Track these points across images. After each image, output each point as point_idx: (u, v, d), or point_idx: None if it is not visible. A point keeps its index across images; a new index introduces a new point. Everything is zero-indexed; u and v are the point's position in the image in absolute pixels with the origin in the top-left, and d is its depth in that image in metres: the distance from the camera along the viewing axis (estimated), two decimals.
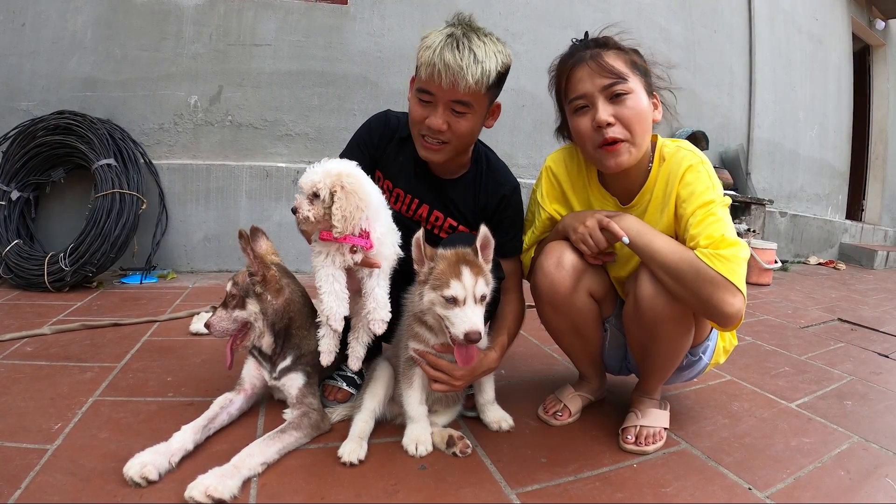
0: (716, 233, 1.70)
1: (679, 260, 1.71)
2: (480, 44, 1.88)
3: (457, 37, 1.87)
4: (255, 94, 4.72)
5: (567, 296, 1.97)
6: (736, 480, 1.76)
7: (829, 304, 5.18)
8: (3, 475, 1.53)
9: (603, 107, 1.80)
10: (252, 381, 2.01)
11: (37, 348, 2.57)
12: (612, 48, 1.84)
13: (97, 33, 4.53)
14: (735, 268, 1.67)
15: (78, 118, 4.20)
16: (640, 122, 1.81)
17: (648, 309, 1.81)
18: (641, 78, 1.83)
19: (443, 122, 1.94)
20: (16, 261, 3.82)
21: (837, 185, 10.26)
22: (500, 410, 2.02)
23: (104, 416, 1.92)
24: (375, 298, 1.84)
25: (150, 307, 3.42)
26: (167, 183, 4.51)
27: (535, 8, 5.63)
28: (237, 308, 1.93)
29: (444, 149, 2.01)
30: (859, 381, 2.83)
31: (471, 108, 1.94)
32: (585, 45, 1.86)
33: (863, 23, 10.54)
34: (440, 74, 1.85)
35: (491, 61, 1.89)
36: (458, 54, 1.84)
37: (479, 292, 1.71)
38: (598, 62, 1.79)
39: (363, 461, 1.70)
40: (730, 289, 1.66)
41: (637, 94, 1.80)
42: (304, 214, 1.74)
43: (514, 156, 5.63)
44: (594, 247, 1.87)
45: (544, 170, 2.14)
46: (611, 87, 1.78)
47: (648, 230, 1.80)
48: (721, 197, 1.79)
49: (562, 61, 1.92)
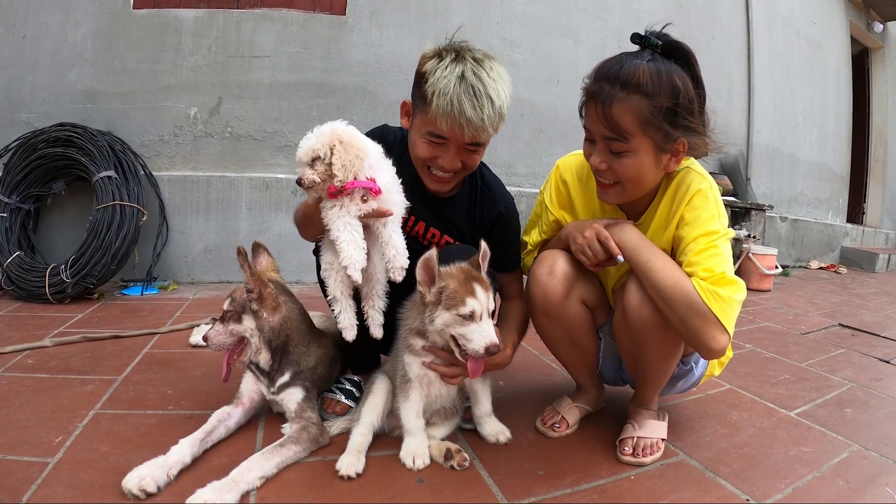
0: (717, 268, 1.68)
1: (673, 286, 1.70)
2: (493, 83, 1.85)
3: (470, 82, 1.83)
4: (254, 105, 4.73)
5: (559, 304, 1.98)
6: (734, 491, 1.76)
7: (831, 309, 5.18)
8: (4, 488, 1.54)
9: (599, 152, 1.77)
10: (250, 395, 2.02)
11: (38, 361, 2.57)
12: (633, 93, 1.65)
13: (97, 45, 4.55)
14: (728, 309, 1.67)
15: (78, 130, 4.22)
16: (635, 181, 1.79)
17: (636, 318, 1.82)
18: (656, 133, 1.68)
19: (457, 162, 1.95)
20: (17, 272, 3.83)
21: (838, 189, 10.27)
22: (497, 423, 2.02)
23: (105, 429, 1.93)
24: (394, 245, 1.82)
25: (151, 319, 3.43)
26: (167, 194, 4.52)
27: (533, 17, 5.64)
28: (234, 322, 1.94)
29: (453, 179, 2.03)
30: (860, 388, 2.83)
31: (481, 148, 1.97)
32: (610, 78, 1.69)
33: (861, 26, 10.56)
34: (462, 128, 1.84)
35: (506, 99, 1.88)
36: (477, 105, 1.81)
37: (491, 306, 1.76)
38: (605, 111, 1.68)
39: (361, 474, 1.71)
40: (719, 327, 1.67)
41: (637, 154, 1.72)
42: (310, 178, 1.73)
43: (514, 165, 5.64)
44: (593, 258, 1.86)
45: (554, 173, 2.14)
46: (610, 140, 1.72)
47: (647, 246, 1.80)
48: (725, 228, 1.78)
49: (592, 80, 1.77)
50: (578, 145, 1.93)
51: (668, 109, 1.65)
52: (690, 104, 1.69)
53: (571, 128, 5.77)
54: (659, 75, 1.64)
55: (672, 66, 1.67)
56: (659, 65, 1.66)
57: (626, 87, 1.65)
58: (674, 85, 1.65)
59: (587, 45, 5.96)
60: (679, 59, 1.70)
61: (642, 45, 1.74)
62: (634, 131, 1.68)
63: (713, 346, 1.69)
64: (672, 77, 1.66)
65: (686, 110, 1.68)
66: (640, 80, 1.64)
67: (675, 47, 1.72)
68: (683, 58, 1.71)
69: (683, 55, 1.72)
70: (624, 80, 1.65)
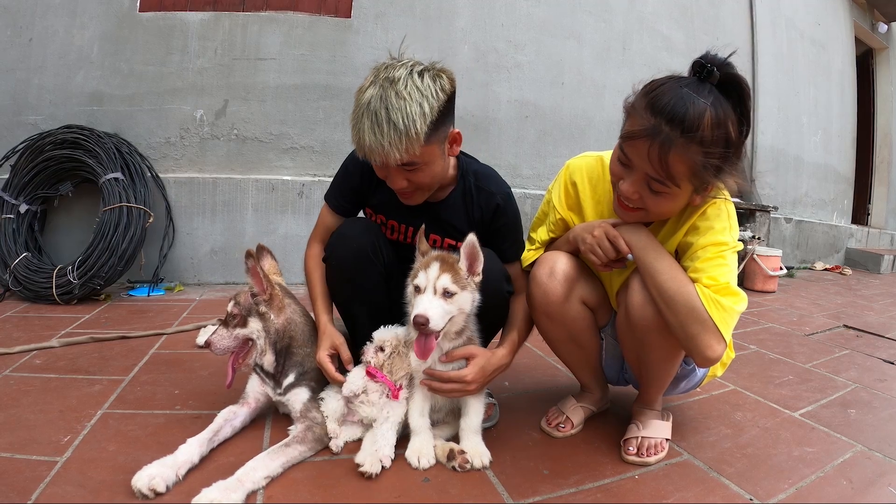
0: (721, 278, 1.69)
1: (677, 290, 1.70)
2: (401, 103, 1.77)
3: (374, 108, 1.78)
4: (260, 107, 4.75)
5: (560, 304, 1.98)
6: (738, 491, 1.77)
7: (835, 311, 5.17)
8: (13, 487, 1.55)
9: (635, 182, 1.69)
10: (256, 396, 2.04)
11: (46, 361, 2.59)
12: (693, 142, 1.56)
13: (103, 48, 4.58)
14: (728, 319, 1.68)
15: (85, 132, 4.25)
16: (662, 215, 1.79)
17: (639, 318, 1.82)
18: (700, 182, 1.64)
19: (401, 181, 1.93)
20: (24, 273, 3.85)
21: (842, 190, 10.24)
22: (480, 444, 1.89)
23: (113, 428, 1.95)
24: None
25: (158, 320, 3.45)
26: (174, 196, 4.55)
27: (537, 19, 5.65)
28: (238, 326, 1.96)
29: (416, 194, 2.02)
30: (864, 389, 2.83)
31: (418, 164, 1.89)
32: (674, 119, 1.55)
33: (865, 27, 10.53)
34: (370, 156, 1.84)
35: (416, 118, 1.78)
36: (377, 132, 1.77)
37: (442, 285, 1.74)
38: (661, 156, 1.59)
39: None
40: (717, 335, 1.68)
41: (675, 197, 1.68)
42: (368, 359, 1.96)
43: (519, 166, 5.65)
44: (604, 256, 1.85)
45: (563, 174, 2.10)
46: (653, 180, 1.65)
47: (655, 247, 1.79)
48: (735, 242, 1.77)
49: (648, 110, 1.61)
50: (582, 147, 1.94)
51: (719, 160, 1.59)
52: (739, 150, 1.64)
53: (576, 129, 5.79)
54: (720, 126, 1.56)
55: (729, 111, 1.59)
56: (720, 110, 1.56)
57: (688, 133, 1.55)
58: (728, 137, 1.58)
59: (591, 47, 5.96)
60: (732, 94, 1.61)
61: (702, 76, 1.62)
62: (682, 179, 1.62)
63: (709, 353, 1.69)
64: (728, 127, 1.58)
65: (731, 163, 1.63)
66: (703, 130, 1.55)
67: (734, 82, 1.62)
68: (738, 94, 1.62)
69: (738, 91, 1.62)
70: (689, 127, 1.54)
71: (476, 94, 5.38)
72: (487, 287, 1.94)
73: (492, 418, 2.17)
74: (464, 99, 5.19)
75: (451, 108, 1.93)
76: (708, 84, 1.60)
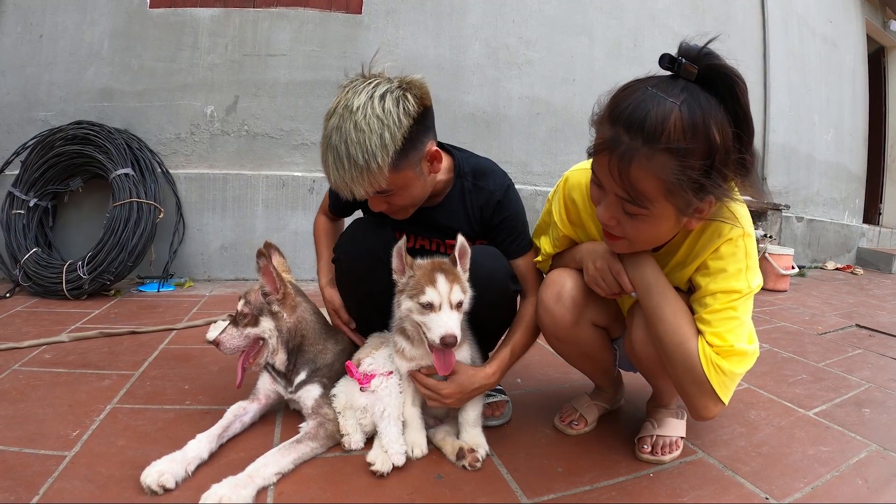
0: (729, 335, 1.56)
1: (678, 345, 1.60)
2: (360, 136, 1.69)
3: (335, 143, 1.72)
4: (270, 103, 4.75)
5: (569, 329, 1.90)
6: (753, 490, 1.75)
7: (847, 310, 5.13)
8: (21, 481, 1.55)
9: (609, 206, 1.49)
10: (266, 393, 2.03)
11: (55, 356, 2.59)
12: (660, 151, 1.31)
13: (114, 44, 4.59)
14: (728, 383, 1.59)
15: (95, 128, 4.25)
16: (647, 243, 1.60)
17: (642, 353, 1.80)
18: (681, 199, 1.38)
19: (381, 205, 1.90)
20: (34, 268, 3.86)
21: (854, 189, 10.16)
22: (479, 436, 1.89)
23: (122, 423, 1.94)
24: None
25: (168, 315, 3.45)
26: (184, 192, 4.55)
27: (548, 16, 5.62)
28: (249, 326, 1.95)
29: (401, 212, 1.97)
30: (877, 388, 2.80)
31: (392, 190, 1.82)
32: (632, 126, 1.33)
33: (877, 24, 10.45)
34: (338, 191, 1.81)
35: (376, 151, 1.69)
36: (340, 169, 1.72)
37: (455, 298, 1.72)
38: (622, 170, 1.36)
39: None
40: (714, 398, 1.60)
41: (654, 220, 1.45)
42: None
43: (530, 164, 5.63)
44: (606, 290, 1.76)
45: (562, 187, 1.92)
46: (624, 200, 1.43)
47: (661, 289, 1.65)
48: (749, 287, 1.59)
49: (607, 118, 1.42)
50: None
51: (700, 170, 1.32)
52: (727, 157, 1.35)
53: (587, 127, 5.73)
54: (694, 127, 1.29)
55: (711, 108, 1.32)
56: (694, 108, 1.30)
57: (651, 141, 1.30)
58: (710, 139, 1.31)
59: (602, 44, 5.93)
60: (720, 88, 1.34)
61: (675, 72, 1.37)
62: (656, 197, 1.38)
63: (703, 413, 1.65)
64: (709, 128, 1.30)
65: (719, 172, 1.35)
66: (670, 133, 1.29)
67: (718, 73, 1.34)
68: (726, 87, 1.34)
69: (727, 84, 1.34)
70: (650, 133, 1.30)
71: (487, 90, 5.36)
72: (493, 287, 1.91)
73: (504, 415, 2.15)
74: (475, 96, 5.27)
75: (421, 129, 1.79)
76: (681, 80, 1.34)
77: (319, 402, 1.94)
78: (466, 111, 5.28)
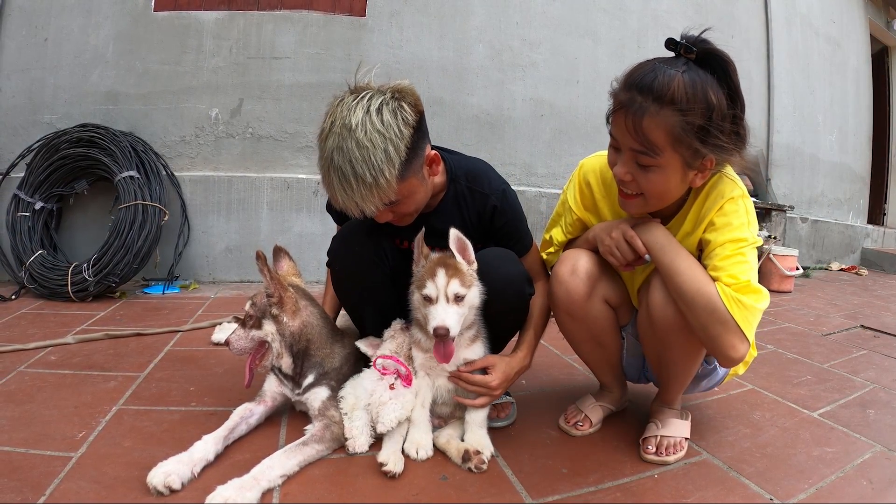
0: (742, 275, 1.66)
1: (697, 291, 1.67)
2: (364, 153, 1.67)
3: (338, 164, 1.69)
4: (275, 106, 4.76)
5: (583, 303, 1.96)
6: (757, 491, 1.75)
7: (852, 311, 5.12)
8: (27, 482, 1.55)
9: (625, 162, 1.69)
10: (273, 395, 2.03)
11: (60, 357, 2.60)
12: (666, 107, 1.56)
13: (118, 47, 4.61)
14: (751, 318, 1.66)
15: (101, 131, 4.27)
16: (659, 195, 1.72)
17: (659, 317, 1.81)
18: (686, 150, 1.60)
19: (387, 216, 1.88)
20: (40, 271, 3.88)
21: (858, 190, 10.14)
22: (485, 437, 1.89)
23: (127, 424, 1.95)
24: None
25: (173, 317, 3.46)
26: (189, 194, 4.56)
27: (552, 17, 5.63)
28: (254, 328, 1.95)
29: (405, 219, 1.96)
30: (882, 389, 2.79)
31: (400, 199, 1.82)
32: (643, 88, 1.58)
33: (880, 24, 10.44)
34: (347, 211, 1.79)
35: (383, 166, 1.69)
36: (347, 190, 1.71)
37: (452, 291, 1.76)
38: (636, 124, 1.59)
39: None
40: (739, 335, 1.65)
41: (665, 170, 1.64)
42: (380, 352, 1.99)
43: (534, 165, 5.64)
44: (622, 258, 1.83)
45: (577, 174, 2.09)
46: (637, 153, 1.64)
47: (673, 247, 1.76)
48: (754, 237, 1.74)
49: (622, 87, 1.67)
50: (598, 146, 1.92)
51: (700, 127, 1.56)
52: (723, 121, 1.59)
53: (591, 128, 5.75)
54: (694, 89, 1.55)
55: (708, 79, 1.58)
56: (694, 77, 1.56)
57: (659, 100, 1.55)
58: (708, 100, 1.56)
59: (606, 46, 5.93)
60: (716, 68, 1.60)
61: (677, 52, 1.64)
62: (664, 147, 1.59)
63: (732, 354, 1.67)
64: (707, 92, 1.56)
65: (718, 128, 1.58)
66: (674, 93, 1.54)
67: (712, 55, 1.61)
68: (720, 67, 1.61)
69: (720, 64, 1.61)
70: (658, 93, 1.56)
71: (491, 92, 5.37)
72: (511, 291, 1.94)
73: (509, 417, 2.15)
74: (479, 98, 5.28)
75: (420, 136, 1.80)
76: (682, 59, 1.62)
77: (326, 403, 1.94)
78: (470, 113, 5.29)
